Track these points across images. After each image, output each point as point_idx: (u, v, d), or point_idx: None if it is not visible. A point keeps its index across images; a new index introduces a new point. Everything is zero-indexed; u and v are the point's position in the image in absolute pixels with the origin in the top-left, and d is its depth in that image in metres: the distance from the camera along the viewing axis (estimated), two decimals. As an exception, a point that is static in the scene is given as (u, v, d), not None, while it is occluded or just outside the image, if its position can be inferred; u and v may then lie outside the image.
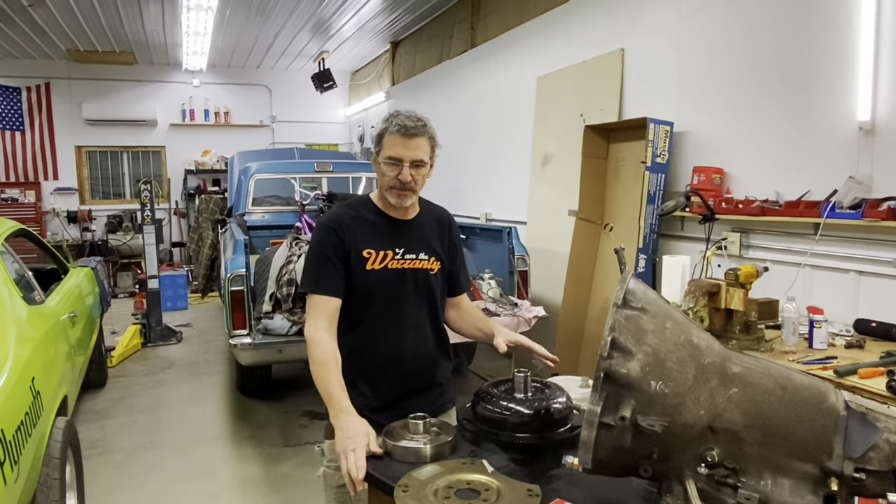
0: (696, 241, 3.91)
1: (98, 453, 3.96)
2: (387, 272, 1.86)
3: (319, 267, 1.83)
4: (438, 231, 2.00)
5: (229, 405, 4.79)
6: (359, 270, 1.84)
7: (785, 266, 3.33)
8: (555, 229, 5.16)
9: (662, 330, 1.20)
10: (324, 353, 1.74)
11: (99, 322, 5.08)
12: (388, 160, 1.81)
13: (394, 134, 1.80)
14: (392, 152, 1.81)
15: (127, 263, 9.63)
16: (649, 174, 3.91)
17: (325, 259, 1.83)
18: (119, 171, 10.55)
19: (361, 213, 1.90)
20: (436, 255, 1.95)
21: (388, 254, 1.87)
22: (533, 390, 1.68)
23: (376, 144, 1.88)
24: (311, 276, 1.85)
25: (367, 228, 1.87)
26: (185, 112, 10.50)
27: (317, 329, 1.78)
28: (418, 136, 1.82)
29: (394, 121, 1.81)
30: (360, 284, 1.84)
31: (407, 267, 1.89)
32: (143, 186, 6.44)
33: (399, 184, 1.82)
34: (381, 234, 1.88)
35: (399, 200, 1.85)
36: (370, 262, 1.85)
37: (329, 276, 1.82)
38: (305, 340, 1.78)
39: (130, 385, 5.28)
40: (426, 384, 1.95)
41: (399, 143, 1.80)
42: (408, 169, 1.81)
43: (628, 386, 1.16)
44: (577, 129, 4.80)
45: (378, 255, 1.86)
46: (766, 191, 3.45)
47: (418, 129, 1.81)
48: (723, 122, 3.76)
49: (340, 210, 1.93)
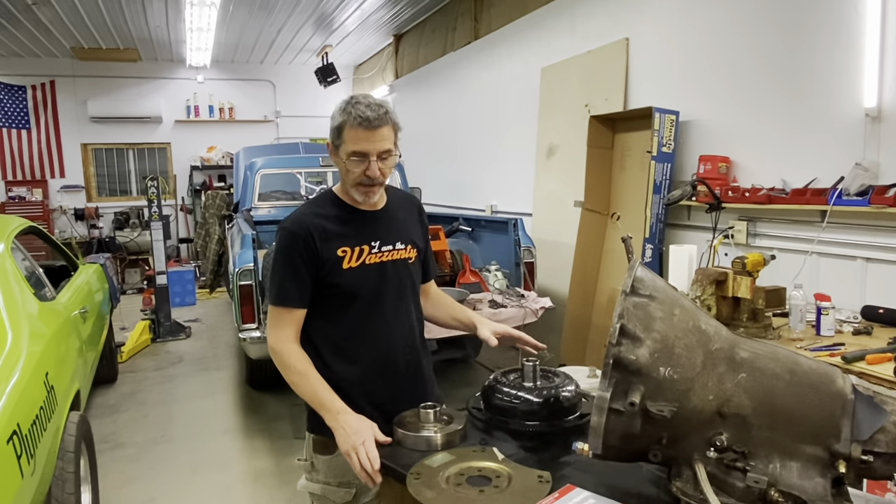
0: (703, 230, 3.91)
1: (111, 447, 4.01)
2: (366, 269, 1.76)
3: (285, 277, 1.71)
4: (409, 216, 1.91)
5: (239, 399, 4.83)
6: (335, 271, 1.72)
7: (792, 254, 3.33)
8: (560, 220, 5.16)
9: (671, 317, 1.21)
10: (298, 360, 1.68)
11: (109, 318, 5.12)
12: (353, 156, 1.67)
13: (355, 127, 1.65)
14: (356, 147, 1.66)
15: (135, 260, 9.68)
16: (655, 164, 3.90)
17: (290, 268, 1.70)
18: (125, 168, 10.59)
19: (327, 210, 1.76)
20: (411, 242, 1.86)
21: (364, 248, 1.76)
22: (542, 379, 1.70)
23: (335, 138, 1.71)
24: (276, 287, 1.72)
25: (336, 226, 1.74)
26: (190, 108, 10.52)
27: (282, 340, 1.71)
28: (382, 126, 1.66)
29: (352, 111, 1.65)
30: (339, 286, 1.73)
31: (386, 260, 1.80)
32: (151, 183, 6.47)
33: (367, 180, 1.70)
34: (352, 230, 1.76)
35: (367, 198, 1.74)
36: (346, 260, 1.73)
37: (295, 286, 1.70)
38: (270, 352, 1.72)
39: (141, 380, 5.32)
40: (415, 381, 1.88)
41: (362, 137, 1.65)
42: (375, 163, 1.67)
43: (637, 372, 1.17)
44: (583, 120, 4.80)
45: (353, 252, 1.75)
46: (773, 179, 3.45)
47: (381, 118, 1.65)
48: (728, 110, 3.75)
49: (304, 211, 1.77)
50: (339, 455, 1.78)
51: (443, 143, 7.52)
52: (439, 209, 6.17)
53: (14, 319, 2.57)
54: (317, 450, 1.82)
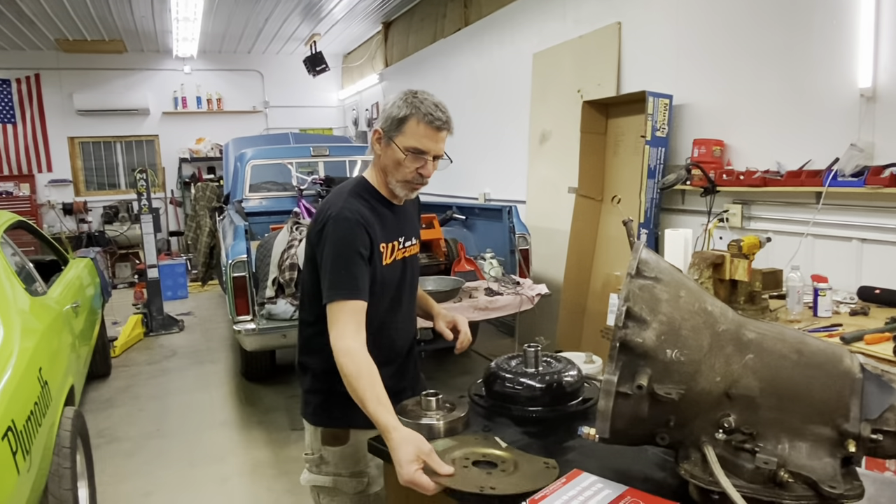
0: (698, 214, 3.91)
1: (106, 442, 3.98)
2: (396, 264, 1.76)
3: (351, 269, 1.60)
4: (414, 211, 1.92)
5: (234, 391, 4.80)
6: (377, 266, 1.69)
7: (787, 236, 3.33)
8: (554, 207, 5.15)
9: (676, 299, 1.20)
10: (354, 363, 1.50)
11: (101, 312, 5.08)
12: (412, 151, 1.63)
13: (423, 123, 1.62)
14: (418, 143, 1.63)
15: (125, 254, 9.61)
16: (649, 148, 3.89)
17: (356, 259, 1.61)
18: (113, 162, 10.47)
19: (371, 203, 1.72)
20: (416, 237, 1.88)
21: (395, 244, 1.75)
22: (544, 364, 1.69)
23: (393, 128, 1.65)
24: (345, 280, 1.58)
25: (379, 220, 1.70)
26: (178, 100, 10.41)
27: (343, 337, 1.55)
28: (445, 130, 1.67)
29: (422, 108, 1.62)
30: (376, 282, 1.69)
31: (407, 255, 1.81)
32: (140, 175, 6.40)
33: (418, 178, 1.67)
34: (387, 225, 1.74)
35: (409, 194, 1.73)
36: (385, 256, 1.71)
37: (361, 278, 1.62)
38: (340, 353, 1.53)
39: (135, 374, 5.29)
40: (412, 372, 1.91)
41: (427, 135, 1.63)
42: (432, 164, 1.67)
43: (644, 355, 1.16)
44: (575, 105, 4.78)
45: (388, 248, 1.73)
46: (767, 161, 3.44)
47: (448, 122, 1.66)
48: (722, 93, 3.74)
49: (354, 201, 1.68)
50: (350, 445, 1.78)
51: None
52: (432, 198, 6.13)
53: (5, 314, 2.53)
54: (326, 442, 1.79)
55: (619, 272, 4.30)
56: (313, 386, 1.80)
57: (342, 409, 1.75)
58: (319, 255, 1.65)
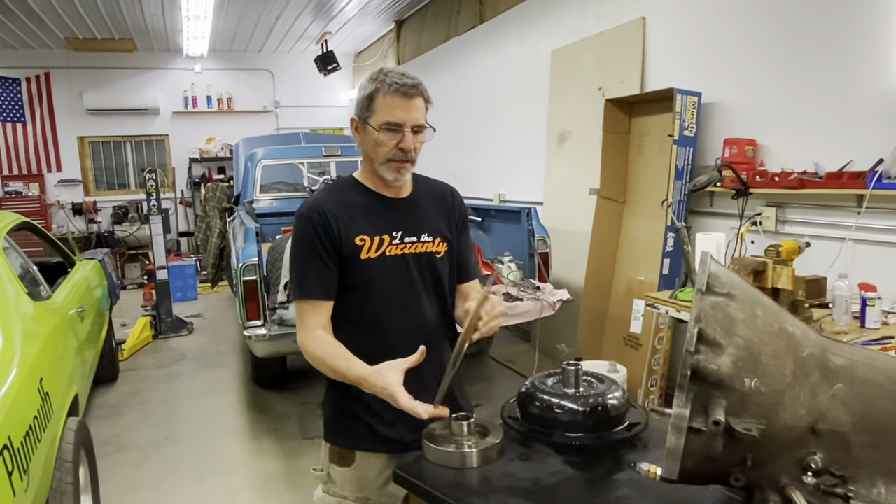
0: (727, 217, 3.74)
1: (112, 451, 3.86)
2: (385, 260, 1.61)
3: (304, 267, 1.58)
4: (440, 207, 1.74)
5: (244, 398, 4.67)
6: (353, 262, 1.58)
7: (825, 241, 3.15)
8: (573, 209, 4.99)
9: (753, 318, 1.05)
10: (320, 346, 1.55)
11: (108, 315, 4.96)
12: (387, 126, 1.53)
13: (390, 94, 1.52)
14: (390, 116, 1.52)
15: (134, 254, 9.53)
16: (677, 148, 3.73)
17: (311, 256, 1.57)
18: (123, 161, 10.38)
19: (347, 195, 1.63)
20: (441, 235, 1.69)
21: (385, 238, 1.61)
22: (585, 384, 1.54)
23: (364, 109, 1.57)
24: (297, 280, 1.60)
25: (356, 212, 1.60)
26: (188, 99, 10.31)
27: (300, 335, 1.60)
28: (417, 97, 1.54)
29: (386, 80, 1.53)
30: (355, 278, 1.59)
31: (409, 252, 1.64)
32: (149, 175, 6.29)
33: (401, 154, 1.55)
34: (374, 217, 1.62)
35: (398, 175, 1.59)
36: (364, 250, 1.59)
37: (317, 276, 1.57)
38: (303, 352, 1.58)
39: (143, 379, 5.17)
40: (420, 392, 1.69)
41: (398, 105, 1.52)
42: (410, 135, 1.54)
43: (719, 384, 1.00)
44: (596, 104, 4.62)
45: (373, 242, 1.60)
46: (803, 162, 3.27)
47: (417, 87, 1.54)
48: (754, 90, 3.57)
49: (321, 196, 1.64)
50: (356, 468, 1.66)
51: (448, 130, 7.30)
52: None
53: (6, 321, 2.41)
54: (333, 460, 1.69)
55: (642, 277, 4.14)
56: (326, 397, 1.74)
57: (347, 429, 1.66)
58: None
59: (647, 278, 4.07)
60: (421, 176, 1.76)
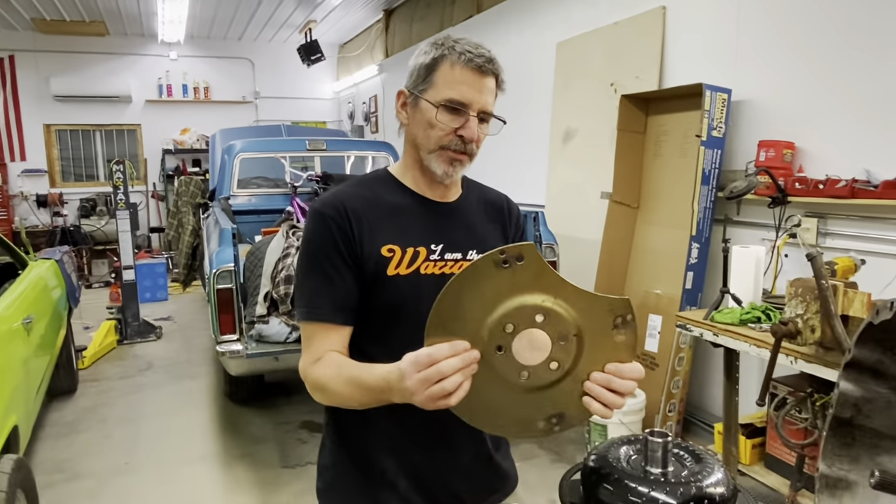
0: (756, 227, 3.41)
1: (65, 479, 3.40)
2: (419, 280, 1.24)
3: (314, 279, 1.22)
4: (494, 219, 1.39)
5: (216, 415, 4.23)
6: (377, 278, 1.22)
7: (875, 257, 2.82)
8: (579, 213, 4.62)
9: None
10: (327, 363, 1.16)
11: (66, 321, 4.48)
12: (449, 104, 1.18)
13: (460, 66, 1.17)
14: (455, 93, 1.17)
15: (102, 250, 8.98)
16: (704, 150, 3.37)
17: (323, 265, 1.21)
18: (91, 152, 9.81)
19: (377, 191, 1.27)
20: (484, 250, 1.33)
21: (421, 252, 1.25)
22: (674, 462, 1.15)
23: (419, 80, 1.22)
24: (305, 296, 1.23)
25: (386, 214, 1.25)
26: (162, 87, 9.77)
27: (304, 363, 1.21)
28: (490, 75, 1.20)
29: (456, 47, 1.18)
30: (379, 299, 1.23)
31: (449, 273, 1.27)
32: (116, 167, 5.80)
33: (458, 143, 1.20)
34: (409, 223, 1.26)
35: (450, 169, 1.23)
36: (393, 264, 1.22)
37: (331, 292, 1.20)
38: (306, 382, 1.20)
39: (104, 391, 4.69)
40: (473, 451, 1.33)
41: (467, 81, 1.18)
42: (475, 121, 1.19)
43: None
44: (606, 101, 4.27)
45: (405, 255, 1.23)
46: (849, 168, 2.93)
47: (493, 63, 1.20)
48: (792, 87, 3.23)
49: (343, 189, 1.28)
50: None
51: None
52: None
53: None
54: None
55: (659, 290, 3.79)
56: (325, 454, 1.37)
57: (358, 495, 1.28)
58: None
59: (664, 292, 3.72)
60: (472, 180, 1.40)
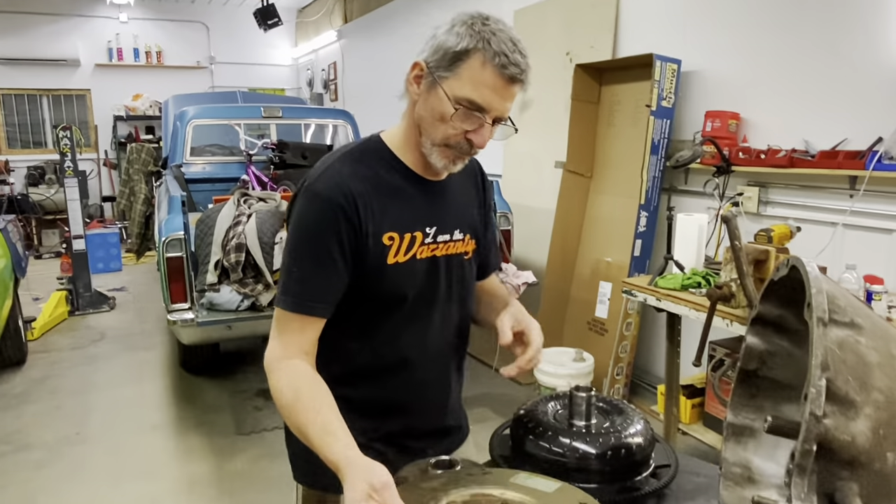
0: (702, 196, 3.50)
1: (13, 450, 3.35)
2: (414, 265, 1.21)
3: (308, 268, 1.14)
4: (469, 191, 1.35)
5: (171, 385, 4.20)
6: (376, 266, 1.17)
7: (811, 225, 2.93)
8: (535, 183, 4.67)
9: (891, 360, 0.72)
10: (292, 385, 1.10)
11: (12, 290, 4.37)
12: (468, 105, 1.09)
13: (490, 66, 1.07)
14: (478, 96, 1.08)
15: (52, 220, 8.71)
16: (654, 120, 3.43)
17: (321, 255, 1.13)
18: (38, 117, 9.45)
19: (376, 171, 1.19)
20: (471, 230, 1.32)
21: (418, 237, 1.21)
22: (598, 415, 1.21)
23: (444, 63, 1.10)
24: (293, 283, 1.15)
25: (387, 199, 1.18)
26: (112, 51, 9.43)
27: (277, 355, 1.15)
28: (518, 84, 1.11)
29: (493, 42, 1.06)
30: (375, 288, 1.19)
31: (440, 254, 1.25)
32: (63, 133, 5.61)
33: (465, 146, 1.14)
34: (407, 207, 1.21)
35: (450, 166, 1.18)
36: (392, 252, 1.18)
37: (324, 285, 1.15)
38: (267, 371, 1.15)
39: (54, 362, 4.61)
40: (441, 415, 1.37)
41: (494, 86, 1.08)
42: (489, 127, 1.13)
43: (851, 462, 0.68)
44: (562, 70, 4.29)
45: (403, 241, 1.19)
46: (790, 139, 3.03)
47: (526, 72, 1.10)
48: (738, 59, 3.29)
49: (345, 169, 1.17)
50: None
51: (398, 96, 6.88)
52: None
53: None
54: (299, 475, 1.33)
55: (609, 258, 3.87)
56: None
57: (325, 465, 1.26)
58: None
59: (615, 259, 3.80)
60: None
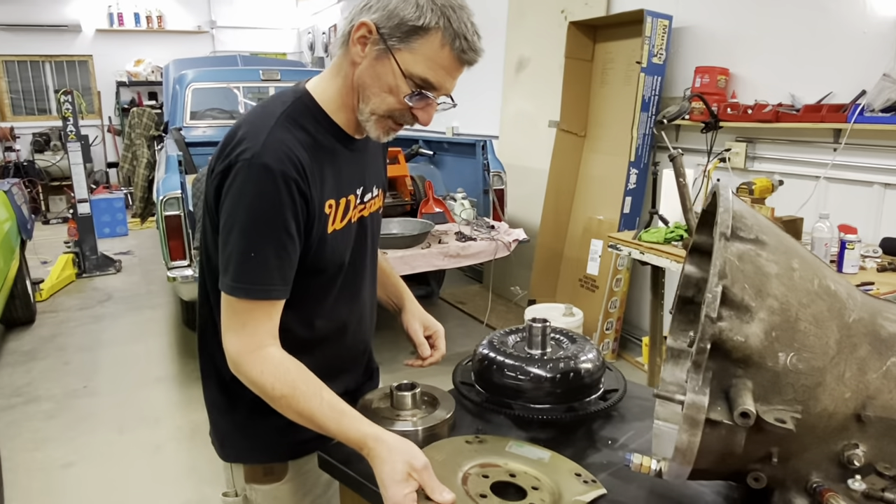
0: (694, 152, 3.51)
1: (23, 402, 3.50)
2: (350, 230, 1.18)
3: (264, 250, 1.03)
4: (377, 148, 1.29)
5: (174, 342, 4.33)
6: (319, 236, 1.11)
7: (797, 179, 2.97)
8: (531, 143, 4.70)
9: (790, 272, 0.79)
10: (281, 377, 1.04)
11: (18, 252, 4.48)
12: (420, 83, 1.05)
13: (448, 49, 1.03)
14: (432, 74, 1.05)
15: (59, 186, 8.81)
16: (645, 76, 3.45)
17: (276, 233, 1.03)
18: (42, 84, 9.48)
19: (312, 134, 1.10)
20: (382, 185, 1.31)
21: (351, 200, 1.17)
22: (552, 344, 1.29)
23: (398, 33, 1.03)
24: (252, 271, 1.03)
25: (325, 163, 1.11)
26: (113, 16, 9.39)
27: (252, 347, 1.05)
28: (470, 66, 1.10)
29: (453, 22, 1.02)
30: (315, 259, 1.12)
31: (366, 214, 1.23)
32: (64, 98, 5.66)
33: (409, 119, 1.11)
34: (341, 170, 1.15)
35: (383, 136, 1.13)
36: (331, 219, 1.13)
37: (281, 266, 1.05)
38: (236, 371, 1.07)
39: (62, 321, 4.75)
40: (362, 356, 1.37)
41: (450, 68, 1.06)
42: (434, 105, 1.10)
43: (745, 361, 0.75)
44: (557, 28, 4.29)
45: (340, 207, 1.14)
46: (778, 94, 3.05)
47: (478, 57, 1.08)
48: (727, 14, 3.29)
49: (283, 136, 1.05)
50: (286, 481, 1.27)
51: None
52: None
53: None
54: (254, 479, 1.26)
55: (601, 216, 3.92)
56: (222, 401, 1.25)
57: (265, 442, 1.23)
58: (223, 214, 1.05)
59: (606, 217, 3.85)
60: None
